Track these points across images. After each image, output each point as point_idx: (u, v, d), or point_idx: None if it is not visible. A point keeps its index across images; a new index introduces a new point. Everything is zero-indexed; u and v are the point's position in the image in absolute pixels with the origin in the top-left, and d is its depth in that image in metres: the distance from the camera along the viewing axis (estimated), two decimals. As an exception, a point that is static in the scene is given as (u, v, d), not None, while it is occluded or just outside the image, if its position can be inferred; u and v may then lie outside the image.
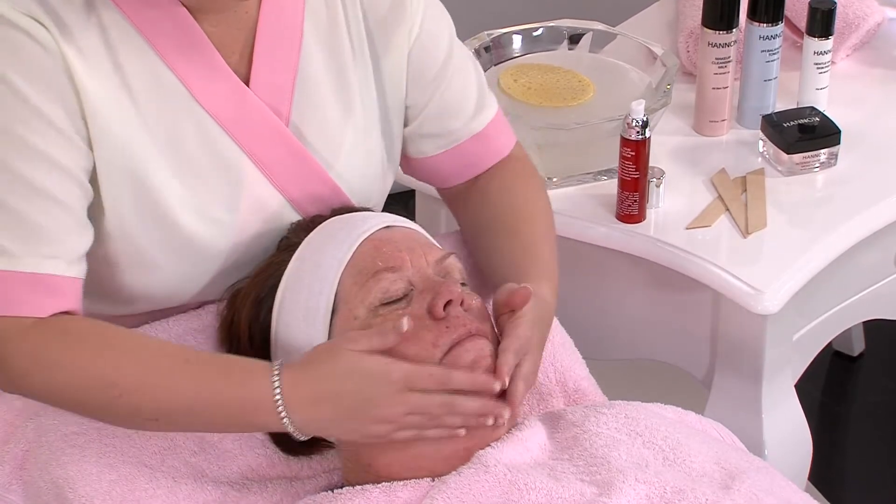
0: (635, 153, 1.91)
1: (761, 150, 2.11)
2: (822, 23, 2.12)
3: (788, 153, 2.05)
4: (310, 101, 1.63)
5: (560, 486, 1.48)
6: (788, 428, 1.99)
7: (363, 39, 1.66)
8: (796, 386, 2.02)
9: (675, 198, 2.01)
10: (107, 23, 1.52)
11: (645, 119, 1.91)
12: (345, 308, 1.53)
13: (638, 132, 1.91)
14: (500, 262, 1.68)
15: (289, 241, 1.62)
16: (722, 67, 2.11)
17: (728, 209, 1.99)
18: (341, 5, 1.64)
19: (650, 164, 1.95)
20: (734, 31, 2.10)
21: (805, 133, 2.06)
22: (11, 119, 1.48)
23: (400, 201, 2.13)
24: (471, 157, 1.76)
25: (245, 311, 1.59)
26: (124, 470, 1.57)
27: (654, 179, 1.97)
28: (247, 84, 1.59)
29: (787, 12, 2.19)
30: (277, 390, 1.46)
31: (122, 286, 1.60)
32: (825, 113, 2.11)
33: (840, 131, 2.07)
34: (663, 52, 2.14)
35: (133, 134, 1.54)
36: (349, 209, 1.65)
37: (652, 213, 1.98)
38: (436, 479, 1.50)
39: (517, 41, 2.21)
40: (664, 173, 1.99)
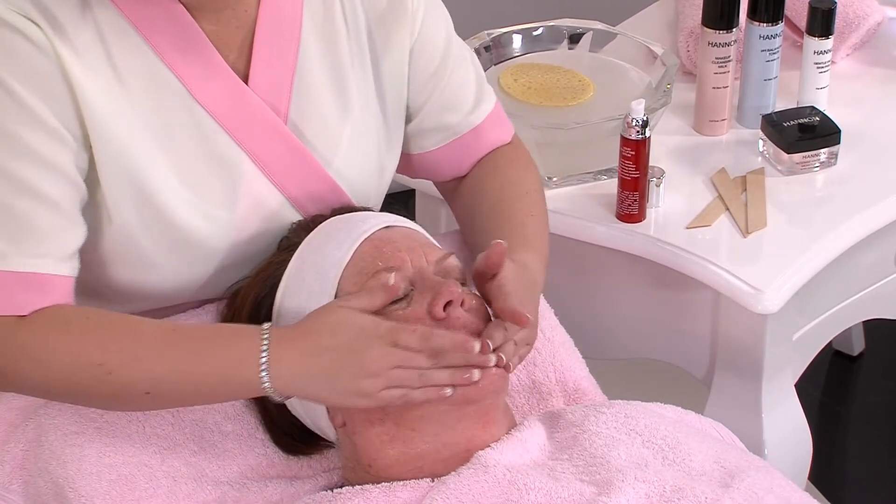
0: (635, 153, 1.91)
1: (761, 149, 2.11)
2: (822, 22, 2.12)
3: (788, 153, 2.05)
4: (308, 99, 1.63)
5: (559, 485, 1.48)
6: (788, 428, 1.99)
7: (362, 37, 1.66)
8: (796, 386, 2.02)
9: (675, 197, 2.01)
10: (102, 21, 1.52)
11: (645, 118, 1.90)
12: (345, 308, 1.53)
13: (638, 132, 1.91)
14: (486, 242, 1.67)
15: (289, 241, 1.62)
16: (722, 67, 2.11)
17: (728, 209, 1.99)
18: (339, 3, 1.64)
19: (650, 164, 1.95)
20: (734, 30, 2.10)
21: (805, 133, 2.06)
22: (2, 117, 1.47)
23: (400, 201, 2.13)
24: (470, 150, 1.76)
25: (245, 311, 1.59)
26: (124, 470, 1.57)
27: (654, 179, 1.97)
28: (245, 82, 1.59)
29: (787, 12, 2.19)
30: (265, 345, 1.46)
31: (121, 284, 1.60)
32: (825, 112, 2.11)
33: (840, 131, 2.07)
34: (663, 51, 2.14)
35: (131, 132, 1.54)
36: (349, 209, 1.65)
37: (652, 213, 1.98)
38: (435, 479, 1.50)
39: (517, 41, 2.21)
40: (664, 173, 1.99)
